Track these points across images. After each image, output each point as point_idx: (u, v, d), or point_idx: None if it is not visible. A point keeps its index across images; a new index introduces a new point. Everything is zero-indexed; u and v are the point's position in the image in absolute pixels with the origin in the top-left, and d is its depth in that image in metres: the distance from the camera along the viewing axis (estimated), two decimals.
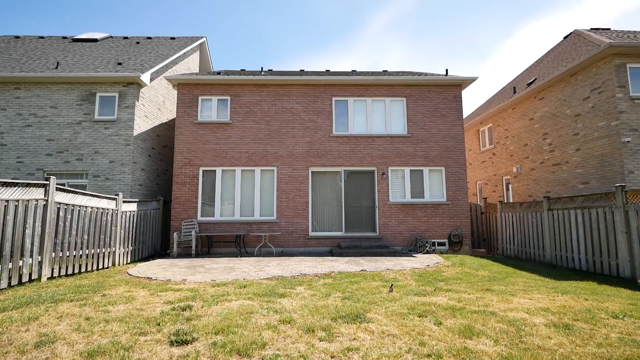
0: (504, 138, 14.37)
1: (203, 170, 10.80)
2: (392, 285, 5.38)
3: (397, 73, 12.96)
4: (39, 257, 5.74)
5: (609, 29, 12.66)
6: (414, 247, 10.42)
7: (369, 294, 4.95)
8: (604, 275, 6.79)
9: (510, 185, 14.03)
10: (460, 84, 11.34)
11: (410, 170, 10.97)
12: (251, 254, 9.90)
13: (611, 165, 9.24)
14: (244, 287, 5.38)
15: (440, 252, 10.30)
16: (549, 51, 15.07)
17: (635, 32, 11.58)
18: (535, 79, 12.74)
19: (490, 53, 64.86)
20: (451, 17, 64.75)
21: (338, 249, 9.87)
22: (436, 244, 10.52)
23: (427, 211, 10.71)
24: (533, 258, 8.94)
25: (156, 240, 10.23)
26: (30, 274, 5.59)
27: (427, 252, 10.04)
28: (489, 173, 15.47)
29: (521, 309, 4.14)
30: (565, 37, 14.28)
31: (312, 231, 10.68)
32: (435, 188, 10.94)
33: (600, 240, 6.97)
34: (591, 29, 12.73)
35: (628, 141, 8.95)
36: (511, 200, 13.81)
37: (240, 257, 9.31)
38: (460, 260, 8.49)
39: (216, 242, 10.36)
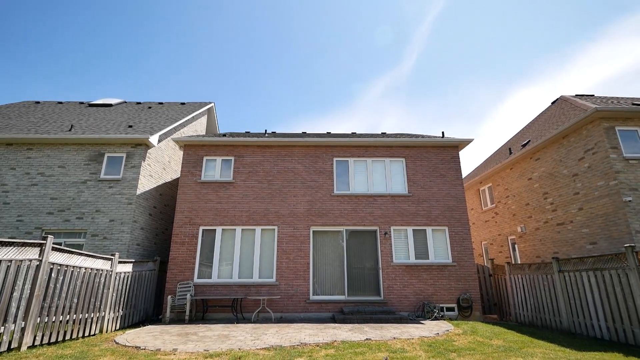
0: (505, 197, 14.41)
1: (203, 230, 10.66)
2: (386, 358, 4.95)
3: (395, 135, 13.49)
4: (23, 322, 5.38)
5: (593, 95, 13.48)
6: (421, 312, 9.82)
7: None
8: (629, 345, 6.26)
9: (516, 245, 13.69)
10: (457, 145, 11.72)
11: (413, 229, 10.80)
12: (248, 320, 9.30)
13: (617, 225, 9.10)
14: (239, 358, 4.96)
15: (450, 318, 9.67)
16: (539, 115, 15.86)
17: (618, 97, 12.31)
18: (530, 141, 13.19)
19: (484, 117, 68.30)
20: (444, 84, 69.56)
21: (341, 314, 9.29)
22: (444, 309, 9.92)
23: (433, 273, 10.31)
24: (549, 325, 8.35)
25: (149, 304, 9.71)
26: (10, 342, 5.20)
27: (436, 318, 9.43)
28: (494, 233, 15.21)
29: None
30: (552, 103, 15.14)
31: (313, 294, 10.16)
32: (439, 248, 10.67)
33: (619, 305, 6.57)
34: (576, 95, 13.56)
35: (629, 200, 8.95)
36: (519, 261, 13.37)
37: (237, 323, 8.73)
38: (471, 328, 7.92)
39: (212, 307, 9.81)
